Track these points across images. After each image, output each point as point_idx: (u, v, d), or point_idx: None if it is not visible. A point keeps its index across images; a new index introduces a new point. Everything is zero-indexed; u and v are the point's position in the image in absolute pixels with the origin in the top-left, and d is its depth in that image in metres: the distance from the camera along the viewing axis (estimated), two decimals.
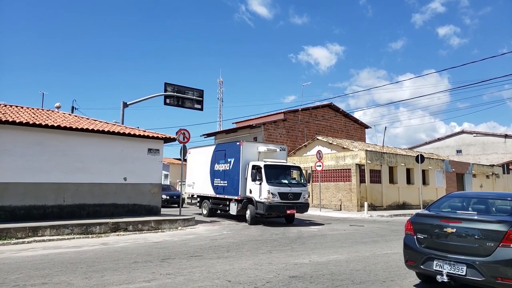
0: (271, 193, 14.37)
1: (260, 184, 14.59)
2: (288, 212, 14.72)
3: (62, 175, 12.89)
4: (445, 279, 5.11)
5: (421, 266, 5.50)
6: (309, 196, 15.83)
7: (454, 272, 5.06)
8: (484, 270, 4.81)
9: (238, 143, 16.10)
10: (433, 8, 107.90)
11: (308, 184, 17.64)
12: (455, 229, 5.20)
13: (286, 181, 15.07)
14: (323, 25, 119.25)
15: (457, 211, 5.83)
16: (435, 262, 5.30)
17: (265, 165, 14.89)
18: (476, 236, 5.04)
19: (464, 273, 4.97)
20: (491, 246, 4.84)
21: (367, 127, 40.60)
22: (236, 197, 15.69)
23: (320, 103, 35.88)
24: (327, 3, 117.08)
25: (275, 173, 15.01)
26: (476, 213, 5.56)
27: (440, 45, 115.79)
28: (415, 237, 5.70)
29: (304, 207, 15.28)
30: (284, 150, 17.11)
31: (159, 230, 12.97)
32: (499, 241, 4.79)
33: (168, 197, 24.75)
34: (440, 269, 5.20)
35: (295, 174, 16.17)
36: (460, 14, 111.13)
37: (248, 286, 5.84)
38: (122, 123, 17.48)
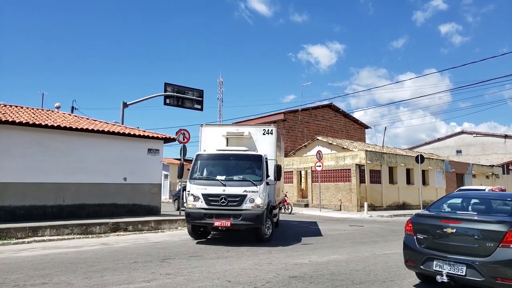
0: (192, 194, 10.11)
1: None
2: (216, 223, 9.70)
3: (62, 175, 12.89)
4: (445, 279, 5.12)
5: (421, 267, 5.50)
6: (262, 199, 9.93)
7: (454, 272, 5.07)
8: (484, 270, 4.81)
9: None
10: (435, 5, 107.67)
11: (278, 181, 11.54)
12: (455, 230, 5.21)
13: (222, 178, 10.15)
14: (323, 23, 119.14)
15: (457, 212, 5.85)
16: (435, 263, 5.31)
17: (197, 155, 10.90)
18: (476, 237, 5.04)
19: (464, 274, 4.97)
20: (491, 247, 4.85)
21: (367, 127, 40.67)
22: None
23: (320, 103, 36.00)
24: (327, 1, 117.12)
25: (213, 166, 10.69)
26: (476, 213, 5.57)
27: (441, 43, 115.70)
28: (415, 237, 5.71)
29: (251, 218, 9.72)
30: (271, 133, 11.63)
31: (159, 230, 12.98)
32: (499, 241, 4.80)
33: None
34: (440, 270, 5.20)
35: (251, 166, 10.58)
36: (462, 12, 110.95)
37: (248, 286, 5.84)
38: (122, 123, 17.49)
